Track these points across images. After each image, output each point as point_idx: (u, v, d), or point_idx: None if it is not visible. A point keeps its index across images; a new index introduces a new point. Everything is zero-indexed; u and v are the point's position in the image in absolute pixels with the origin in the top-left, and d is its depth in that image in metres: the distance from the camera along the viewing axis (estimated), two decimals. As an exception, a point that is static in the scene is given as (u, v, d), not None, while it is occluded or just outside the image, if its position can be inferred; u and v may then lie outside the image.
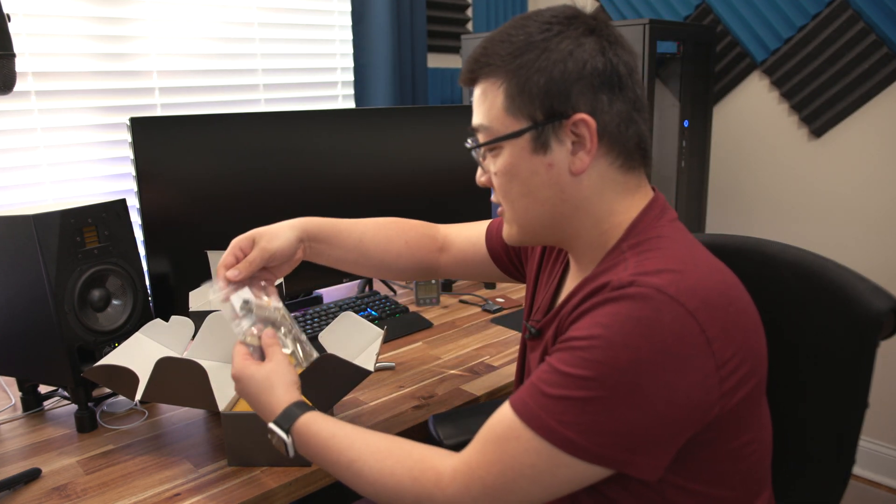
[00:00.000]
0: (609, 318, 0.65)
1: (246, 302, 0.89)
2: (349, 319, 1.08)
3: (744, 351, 0.67)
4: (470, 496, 0.69)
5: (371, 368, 0.94)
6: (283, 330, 0.91)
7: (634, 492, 0.70)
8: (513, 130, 0.74)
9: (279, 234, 0.96)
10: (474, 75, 0.77)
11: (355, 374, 0.94)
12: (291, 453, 0.80)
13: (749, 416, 0.69)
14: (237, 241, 0.95)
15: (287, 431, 0.80)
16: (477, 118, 0.78)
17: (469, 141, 0.81)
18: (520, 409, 0.68)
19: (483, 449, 0.70)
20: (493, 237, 1.09)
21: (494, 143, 0.76)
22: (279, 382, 0.84)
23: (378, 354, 1.01)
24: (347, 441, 0.77)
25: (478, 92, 0.77)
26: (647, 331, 0.63)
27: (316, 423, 0.80)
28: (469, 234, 1.12)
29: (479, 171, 0.82)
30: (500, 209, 0.82)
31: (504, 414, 0.70)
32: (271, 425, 0.81)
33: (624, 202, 0.76)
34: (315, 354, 0.91)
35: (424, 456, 0.74)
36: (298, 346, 0.91)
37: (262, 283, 0.95)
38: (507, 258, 1.08)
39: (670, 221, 0.76)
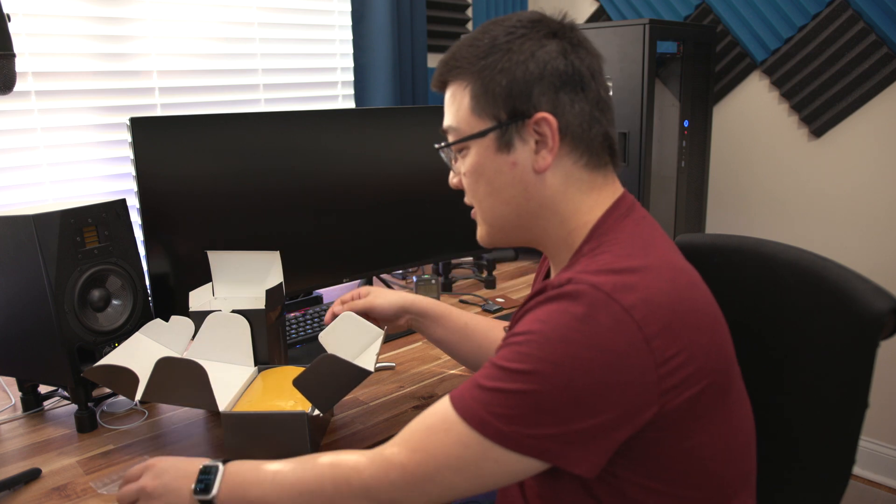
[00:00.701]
0: (546, 315, 0.66)
1: None
2: (349, 320, 1.08)
3: (691, 349, 0.66)
4: (388, 479, 0.70)
5: (371, 369, 0.94)
6: None
7: (593, 491, 0.70)
8: (478, 130, 0.77)
9: (386, 297, 1.09)
10: (444, 78, 0.80)
11: (355, 375, 0.94)
12: (215, 489, 0.76)
13: (705, 416, 0.69)
14: (361, 289, 1.12)
15: (222, 461, 0.79)
16: (446, 120, 0.81)
17: (439, 143, 0.84)
18: (455, 401, 0.69)
19: (410, 437, 0.71)
20: None
21: (461, 143, 0.79)
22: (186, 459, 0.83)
23: (378, 354, 1.02)
24: (271, 464, 0.78)
25: (448, 95, 0.80)
26: (582, 327, 0.64)
27: (244, 462, 0.79)
28: None
29: (451, 173, 0.85)
30: (472, 212, 0.85)
31: (440, 405, 0.71)
32: (206, 463, 0.79)
33: (589, 200, 0.78)
34: None
35: (344, 451, 0.76)
36: None
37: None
38: None
39: (636, 220, 0.77)
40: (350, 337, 1.08)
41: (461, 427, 0.67)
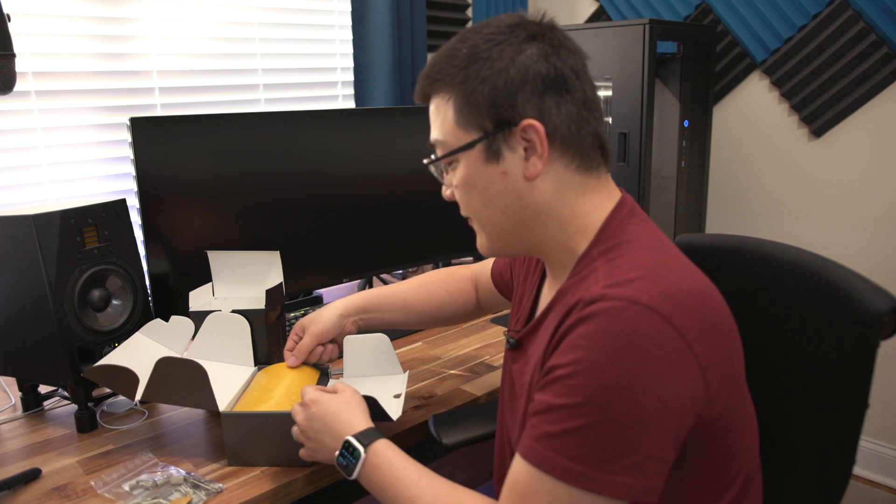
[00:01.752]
0: (587, 339, 0.64)
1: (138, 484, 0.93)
2: (384, 343, 1.11)
3: (723, 351, 0.67)
4: None
5: (394, 418, 0.96)
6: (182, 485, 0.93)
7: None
8: (465, 142, 0.75)
9: (323, 318, 1.10)
10: (426, 92, 0.79)
11: (378, 413, 0.95)
12: (355, 474, 0.82)
13: (733, 420, 0.69)
14: (296, 327, 1.11)
15: (365, 447, 0.81)
16: (433, 134, 0.79)
17: (428, 158, 0.82)
18: (530, 456, 0.66)
19: None
20: (496, 265, 1.14)
21: (450, 157, 0.77)
22: (358, 407, 0.89)
23: (403, 402, 1.03)
24: (415, 476, 0.78)
25: (432, 108, 0.79)
26: (627, 343, 0.62)
27: (392, 449, 0.82)
28: (484, 274, 1.18)
29: (444, 186, 0.83)
30: (469, 221, 0.83)
31: (519, 468, 0.68)
32: (350, 438, 0.83)
33: (587, 203, 0.76)
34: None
35: (481, 498, 0.73)
36: (198, 489, 0.92)
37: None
38: (503, 285, 1.12)
39: (640, 223, 0.76)
40: (374, 356, 1.11)
41: (548, 482, 0.64)
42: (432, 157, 0.81)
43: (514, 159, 0.74)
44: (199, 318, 1.10)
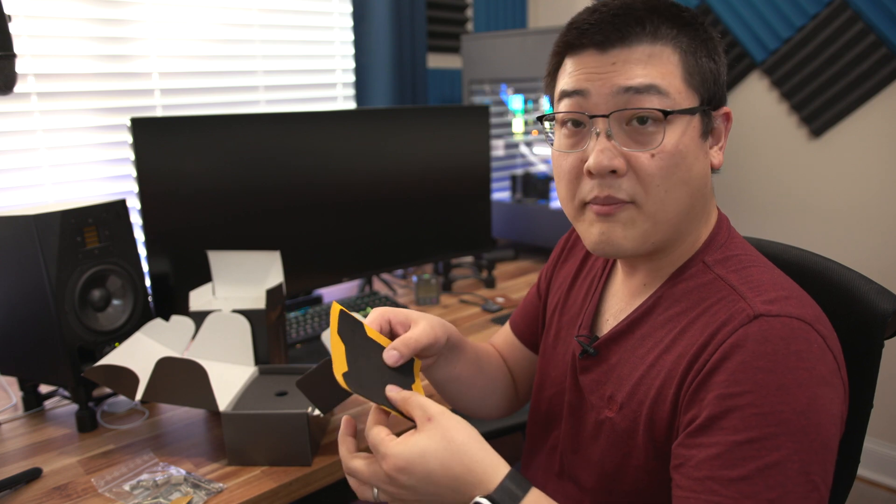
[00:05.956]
0: (763, 360, 0.58)
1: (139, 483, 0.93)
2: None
3: (845, 374, 0.65)
4: None
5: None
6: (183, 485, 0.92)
7: None
8: (692, 105, 0.65)
9: (428, 322, 0.77)
10: (636, 34, 0.64)
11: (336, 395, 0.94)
12: None
13: None
14: (387, 312, 0.77)
15: None
16: (649, 77, 0.64)
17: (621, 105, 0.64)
18: None
19: None
20: (515, 324, 0.99)
21: (679, 114, 0.64)
22: (472, 444, 0.61)
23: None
24: None
25: (642, 52, 0.64)
26: (807, 364, 0.58)
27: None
28: (503, 335, 1.02)
29: (601, 154, 0.64)
30: (606, 209, 0.66)
31: None
32: (480, 499, 0.59)
33: (712, 204, 0.75)
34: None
35: None
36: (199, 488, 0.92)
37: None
38: (529, 335, 0.97)
39: (740, 236, 0.75)
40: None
41: None
42: (656, 108, 0.64)
43: (709, 142, 0.69)
44: (199, 318, 1.10)
